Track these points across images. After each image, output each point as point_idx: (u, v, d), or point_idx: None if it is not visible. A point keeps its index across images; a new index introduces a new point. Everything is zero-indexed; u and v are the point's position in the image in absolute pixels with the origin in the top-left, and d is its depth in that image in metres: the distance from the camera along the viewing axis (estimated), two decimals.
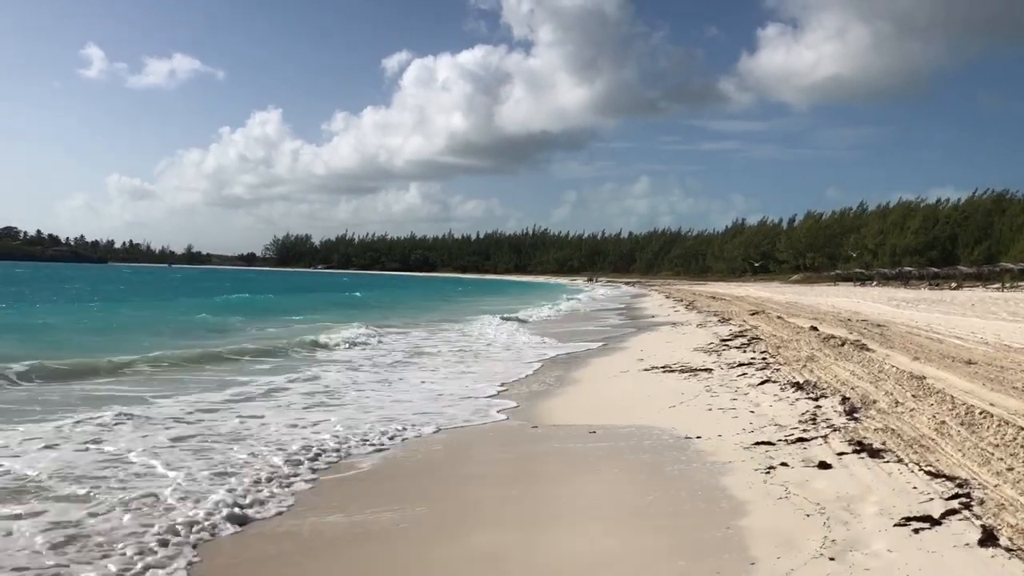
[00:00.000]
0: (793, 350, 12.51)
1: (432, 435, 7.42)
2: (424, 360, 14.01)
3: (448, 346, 16.81)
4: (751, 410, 7.75)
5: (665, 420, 7.59)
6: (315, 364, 12.98)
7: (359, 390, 10.14)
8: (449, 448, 6.95)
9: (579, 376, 11.69)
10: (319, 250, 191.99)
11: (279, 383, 10.29)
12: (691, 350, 14.66)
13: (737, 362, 11.78)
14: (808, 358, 11.13)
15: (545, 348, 16.73)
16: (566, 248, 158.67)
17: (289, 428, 7.32)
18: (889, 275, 72.16)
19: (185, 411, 8.06)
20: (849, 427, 6.40)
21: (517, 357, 14.75)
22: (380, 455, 6.54)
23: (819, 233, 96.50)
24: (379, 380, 11.19)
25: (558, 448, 6.81)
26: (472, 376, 11.87)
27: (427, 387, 10.58)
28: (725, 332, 18.31)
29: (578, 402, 9.35)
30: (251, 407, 8.46)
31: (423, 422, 7.92)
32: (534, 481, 5.71)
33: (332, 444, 6.66)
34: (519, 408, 8.94)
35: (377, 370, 12.40)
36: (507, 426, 7.92)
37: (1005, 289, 48.81)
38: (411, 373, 12.09)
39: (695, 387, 9.58)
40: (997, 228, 73.21)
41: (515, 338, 19.20)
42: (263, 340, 16.97)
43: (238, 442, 6.62)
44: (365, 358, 14.11)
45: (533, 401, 9.45)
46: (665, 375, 11.19)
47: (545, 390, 10.38)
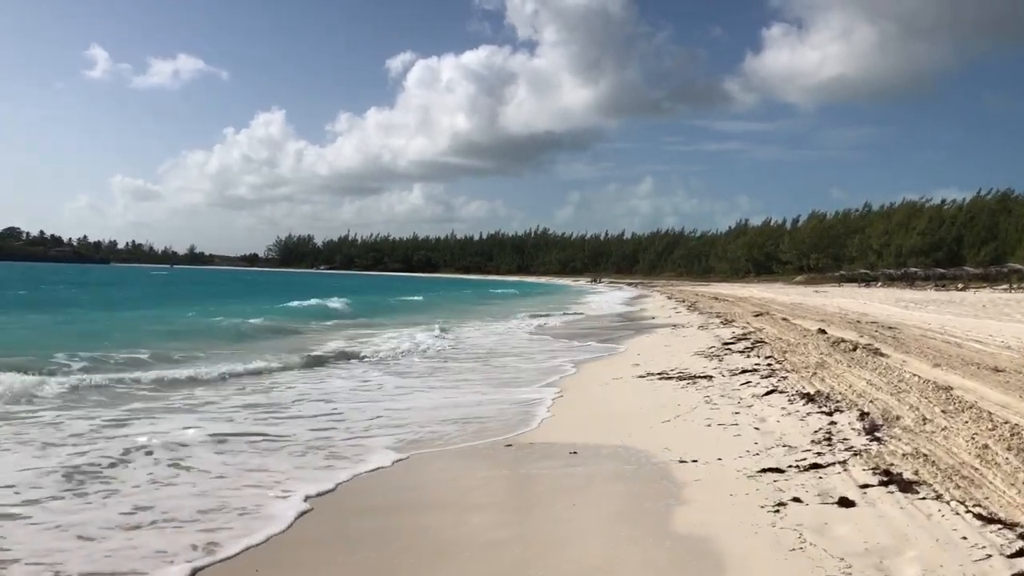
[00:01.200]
0: (801, 355, 11.54)
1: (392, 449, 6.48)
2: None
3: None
4: (756, 426, 6.78)
5: (657, 439, 6.63)
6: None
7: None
8: (402, 471, 6.02)
9: (567, 383, 10.72)
10: (321, 251, 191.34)
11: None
12: (691, 354, 13.70)
13: (740, 368, 10.82)
14: (818, 364, 10.16)
15: (539, 349, 15.78)
16: (569, 249, 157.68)
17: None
18: (894, 276, 71.23)
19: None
20: (872, 450, 5.44)
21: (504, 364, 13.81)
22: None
23: (823, 234, 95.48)
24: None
25: (524, 475, 5.84)
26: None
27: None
28: (727, 335, 17.33)
29: (564, 415, 8.39)
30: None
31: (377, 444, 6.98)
32: (478, 513, 4.78)
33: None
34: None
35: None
36: (477, 444, 6.97)
37: (1013, 290, 47.80)
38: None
39: (693, 397, 8.62)
40: (1003, 228, 72.27)
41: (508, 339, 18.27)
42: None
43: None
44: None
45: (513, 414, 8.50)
46: (661, 382, 10.23)
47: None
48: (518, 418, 8.17)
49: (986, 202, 78.56)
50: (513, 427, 7.70)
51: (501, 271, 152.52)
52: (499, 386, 10.69)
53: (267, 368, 11.92)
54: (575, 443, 6.71)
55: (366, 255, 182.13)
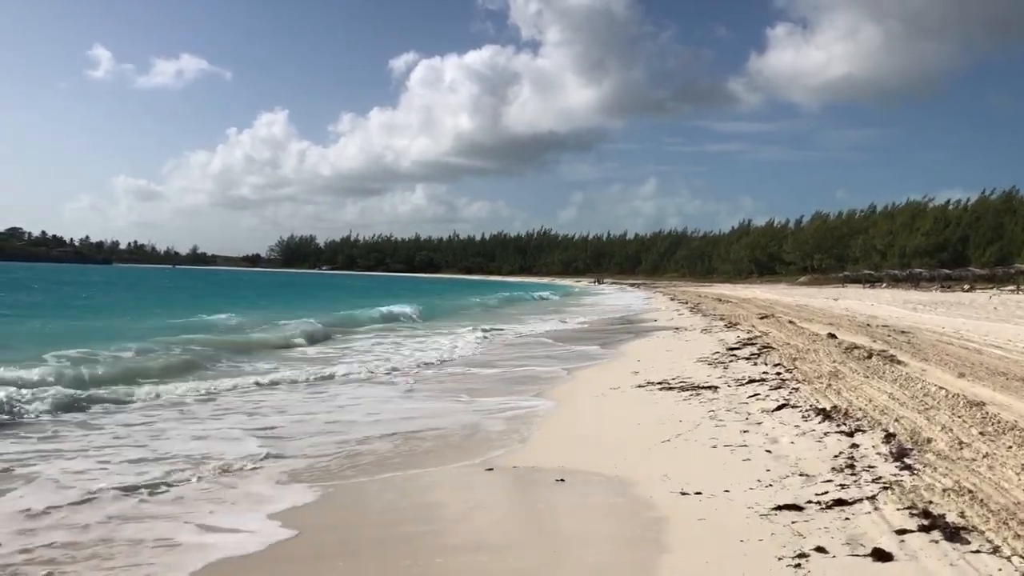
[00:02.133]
0: (812, 363, 10.77)
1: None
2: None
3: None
4: (767, 448, 6.02)
5: (655, 463, 5.87)
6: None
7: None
8: (373, 492, 5.27)
9: (559, 394, 9.95)
10: (324, 251, 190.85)
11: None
12: (694, 361, 12.94)
13: (747, 377, 10.05)
14: (831, 374, 9.39)
15: (529, 354, 15.02)
16: (571, 249, 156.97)
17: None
18: (899, 276, 70.42)
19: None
20: (904, 482, 4.68)
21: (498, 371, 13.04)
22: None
23: (827, 234, 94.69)
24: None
25: (499, 511, 5.07)
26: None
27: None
28: (732, 339, 16.56)
29: (554, 431, 7.63)
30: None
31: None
32: (431, 557, 4.02)
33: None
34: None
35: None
36: (454, 466, 6.21)
37: (1021, 291, 46.95)
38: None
39: (696, 412, 7.85)
40: (1009, 229, 71.46)
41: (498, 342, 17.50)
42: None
43: None
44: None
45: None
46: (662, 393, 9.47)
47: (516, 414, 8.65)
48: (503, 434, 7.41)
49: (991, 202, 77.81)
50: (496, 445, 6.94)
51: (503, 272, 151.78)
52: (487, 395, 9.94)
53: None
54: (563, 467, 5.95)
55: (368, 256, 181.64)
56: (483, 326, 21.77)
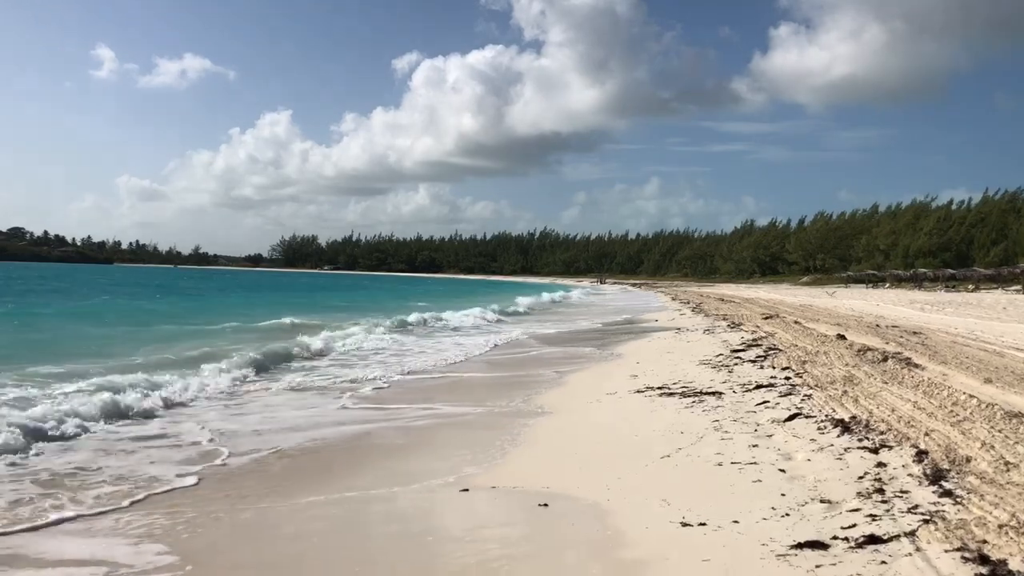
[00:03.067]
0: (823, 366, 10.03)
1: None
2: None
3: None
4: (781, 467, 5.29)
5: (653, 484, 5.14)
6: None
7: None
8: (333, 522, 4.56)
9: (550, 402, 9.21)
10: (325, 251, 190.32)
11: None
12: (696, 363, 12.22)
13: (754, 382, 9.31)
14: (846, 379, 8.66)
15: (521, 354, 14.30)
16: (573, 249, 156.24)
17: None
18: (903, 277, 69.65)
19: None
20: (947, 513, 3.95)
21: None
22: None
23: (829, 234, 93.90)
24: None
25: (470, 547, 4.34)
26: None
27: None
28: (736, 340, 15.83)
29: (543, 443, 6.90)
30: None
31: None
32: None
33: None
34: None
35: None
36: (427, 485, 5.49)
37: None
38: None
39: (700, 422, 7.12)
40: (1013, 229, 70.77)
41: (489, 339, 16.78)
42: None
43: None
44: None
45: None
46: (662, 399, 8.74)
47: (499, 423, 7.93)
48: (486, 446, 6.68)
49: (996, 202, 77.07)
50: (476, 458, 6.22)
51: (505, 272, 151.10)
52: (474, 402, 9.21)
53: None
54: (549, 487, 5.22)
55: (370, 256, 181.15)
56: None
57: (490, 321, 25.61)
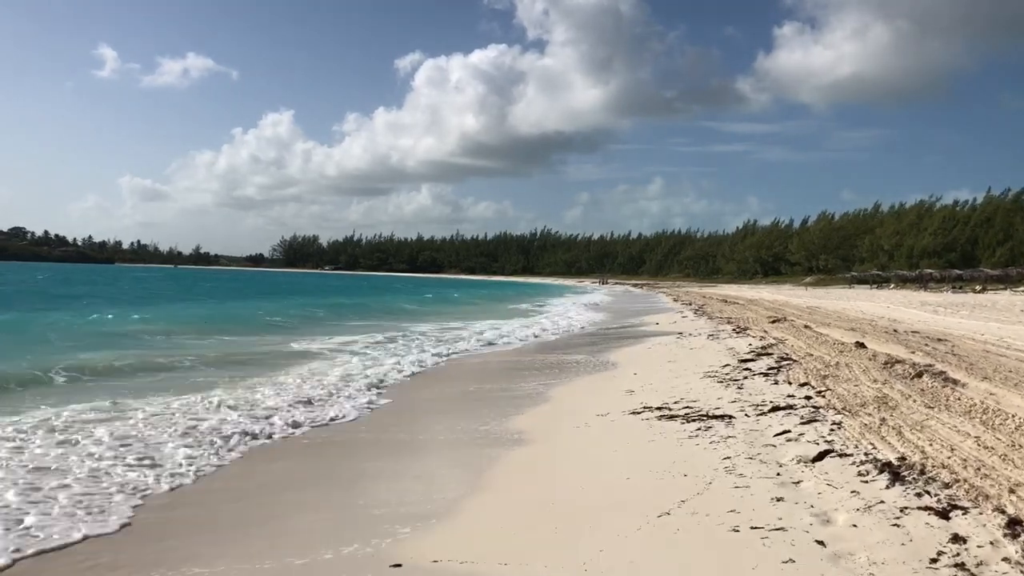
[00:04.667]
0: (847, 382, 8.68)
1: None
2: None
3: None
4: (818, 538, 3.94)
5: (648, 562, 3.80)
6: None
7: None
8: None
9: (529, 425, 7.84)
10: (326, 251, 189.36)
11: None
12: (700, 375, 10.87)
13: (769, 403, 7.96)
14: (879, 401, 7.31)
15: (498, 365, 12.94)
16: (574, 250, 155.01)
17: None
18: (908, 277, 68.33)
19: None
20: None
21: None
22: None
23: (832, 234, 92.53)
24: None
25: None
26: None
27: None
28: (744, 347, 14.48)
29: (505, 492, 5.55)
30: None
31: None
32: None
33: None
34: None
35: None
36: (340, 556, 4.15)
37: None
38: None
39: (707, 459, 5.78)
40: (1019, 229, 69.59)
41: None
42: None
43: None
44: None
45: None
46: (662, 424, 7.40)
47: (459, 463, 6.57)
48: (437, 487, 5.34)
49: (1000, 202, 75.78)
50: (420, 507, 4.88)
51: (506, 272, 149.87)
52: (436, 421, 7.87)
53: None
54: (507, 565, 3.89)
55: (371, 255, 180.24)
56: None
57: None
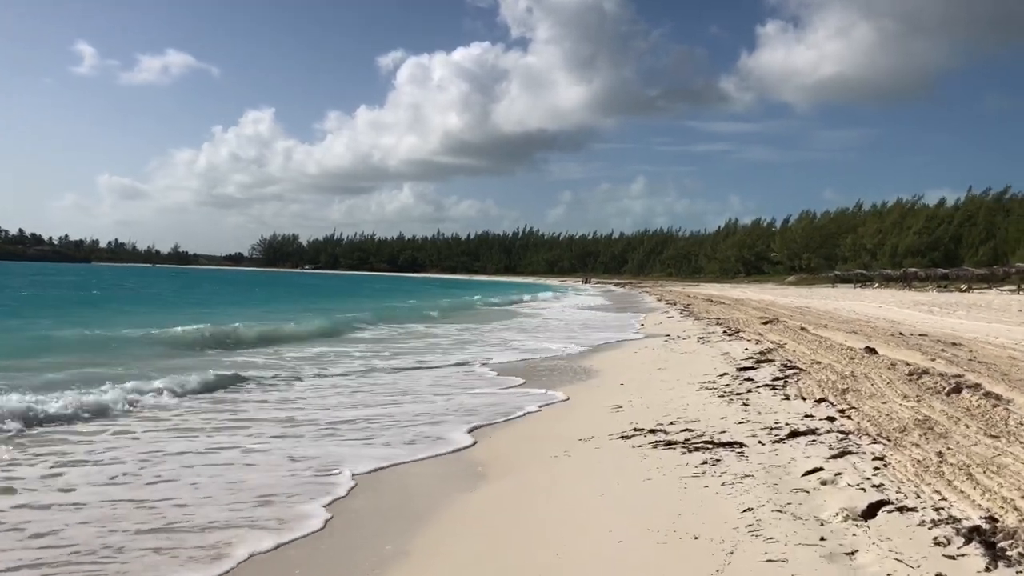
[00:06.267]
0: (873, 398, 7.38)
1: None
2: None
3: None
4: None
5: None
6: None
7: None
8: None
9: (495, 453, 6.44)
10: (306, 250, 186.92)
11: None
12: (696, 387, 9.56)
13: (785, 425, 6.63)
14: (921, 425, 5.99)
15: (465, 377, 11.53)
16: (556, 249, 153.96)
17: None
18: (892, 276, 67.84)
19: None
20: None
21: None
22: None
23: (814, 233, 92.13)
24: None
25: None
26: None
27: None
28: (739, 352, 13.20)
29: (452, 559, 4.16)
30: None
31: None
32: None
33: None
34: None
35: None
36: None
37: (1022, 291, 44.30)
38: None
39: (722, 512, 4.42)
40: (1002, 228, 69.55)
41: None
42: None
43: None
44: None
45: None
46: (658, 453, 6.05)
47: (397, 510, 5.16)
48: (332, 562, 3.94)
49: (982, 201, 75.79)
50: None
51: (488, 271, 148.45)
52: (381, 445, 6.46)
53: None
54: None
55: (351, 255, 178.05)
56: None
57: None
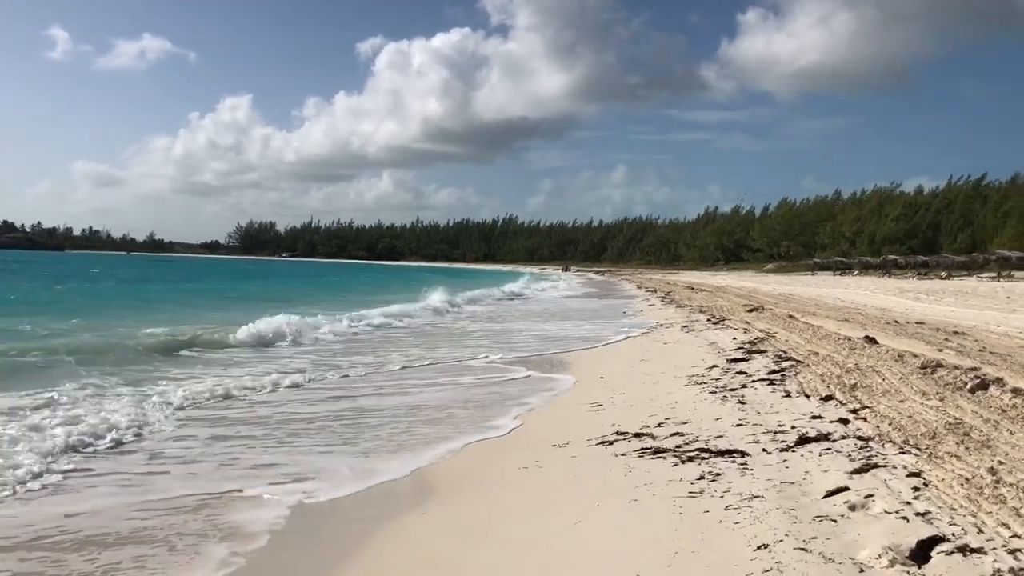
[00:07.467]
0: (887, 396, 6.49)
1: None
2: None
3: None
4: None
5: None
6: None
7: None
8: None
9: (451, 464, 5.45)
10: (284, 238, 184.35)
11: None
12: (684, 381, 8.64)
13: (791, 428, 5.70)
14: (954, 430, 5.09)
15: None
16: (536, 237, 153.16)
17: None
18: (872, 264, 67.81)
19: None
20: None
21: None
22: None
23: (793, 221, 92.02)
24: None
25: None
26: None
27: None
28: (727, 342, 12.33)
29: None
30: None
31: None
32: None
33: None
34: None
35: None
36: None
37: (1001, 278, 44.18)
38: None
39: (729, 548, 3.47)
40: (979, 215, 69.88)
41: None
42: None
43: None
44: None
45: None
46: (645, 463, 5.12)
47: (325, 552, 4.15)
48: None
49: (960, 189, 76.01)
50: None
51: (467, 259, 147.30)
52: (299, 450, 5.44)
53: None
54: None
55: (329, 242, 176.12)
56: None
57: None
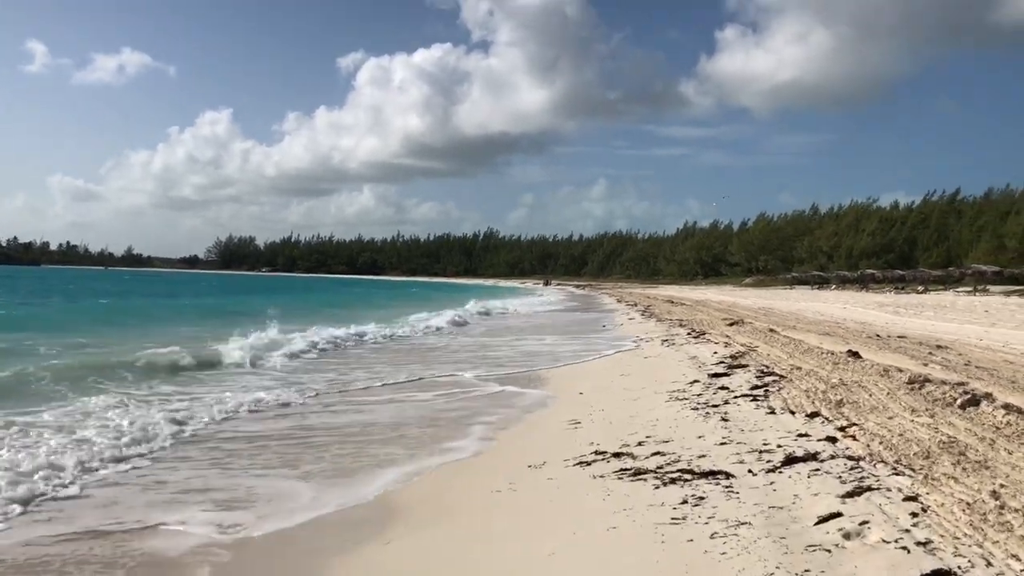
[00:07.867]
0: (876, 412, 6.23)
1: None
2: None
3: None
4: None
5: None
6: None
7: None
8: None
9: (416, 488, 5.09)
10: (263, 252, 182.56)
11: None
12: (665, 397, 8.35)
13: (777, 447, 5.42)
14: (949, 449, 4.83)
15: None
16: (517, 251, 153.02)
17: None
18: (849, 278, 68.34)
19: None
20: None
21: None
22: None
23: (771, 235, 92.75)
24: None
25: None
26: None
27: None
28: (708, 356, 12.08)
29: None
30: None
31: None
32: None
33: None
34: None
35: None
36: None
37: (977, 292, 44.62)
38: None
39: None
40: (955, 230, 70.85)
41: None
42: None
43: None
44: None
45: None
46: (625, 486, 4.81)
47: None
48: None
49: (935, 204, 77.11)
50: None
51: (448, 273, 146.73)
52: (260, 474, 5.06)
53: None
54: None
55: (309, 257, 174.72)
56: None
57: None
